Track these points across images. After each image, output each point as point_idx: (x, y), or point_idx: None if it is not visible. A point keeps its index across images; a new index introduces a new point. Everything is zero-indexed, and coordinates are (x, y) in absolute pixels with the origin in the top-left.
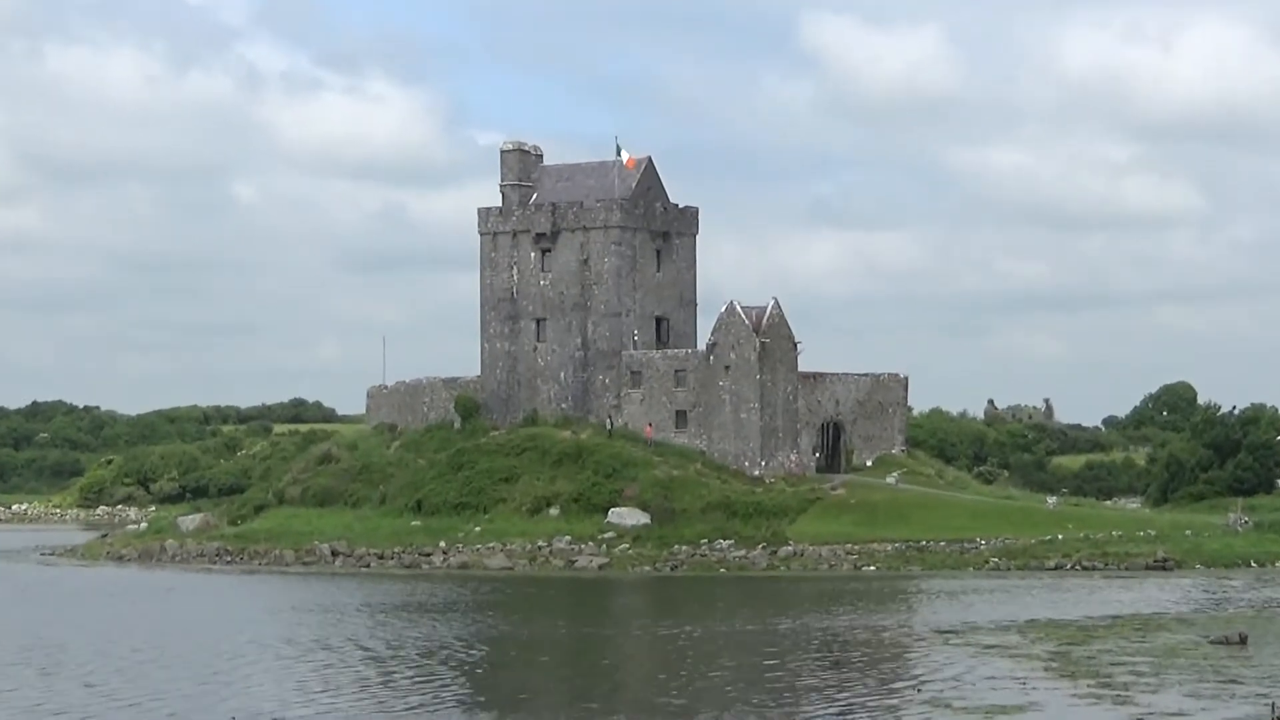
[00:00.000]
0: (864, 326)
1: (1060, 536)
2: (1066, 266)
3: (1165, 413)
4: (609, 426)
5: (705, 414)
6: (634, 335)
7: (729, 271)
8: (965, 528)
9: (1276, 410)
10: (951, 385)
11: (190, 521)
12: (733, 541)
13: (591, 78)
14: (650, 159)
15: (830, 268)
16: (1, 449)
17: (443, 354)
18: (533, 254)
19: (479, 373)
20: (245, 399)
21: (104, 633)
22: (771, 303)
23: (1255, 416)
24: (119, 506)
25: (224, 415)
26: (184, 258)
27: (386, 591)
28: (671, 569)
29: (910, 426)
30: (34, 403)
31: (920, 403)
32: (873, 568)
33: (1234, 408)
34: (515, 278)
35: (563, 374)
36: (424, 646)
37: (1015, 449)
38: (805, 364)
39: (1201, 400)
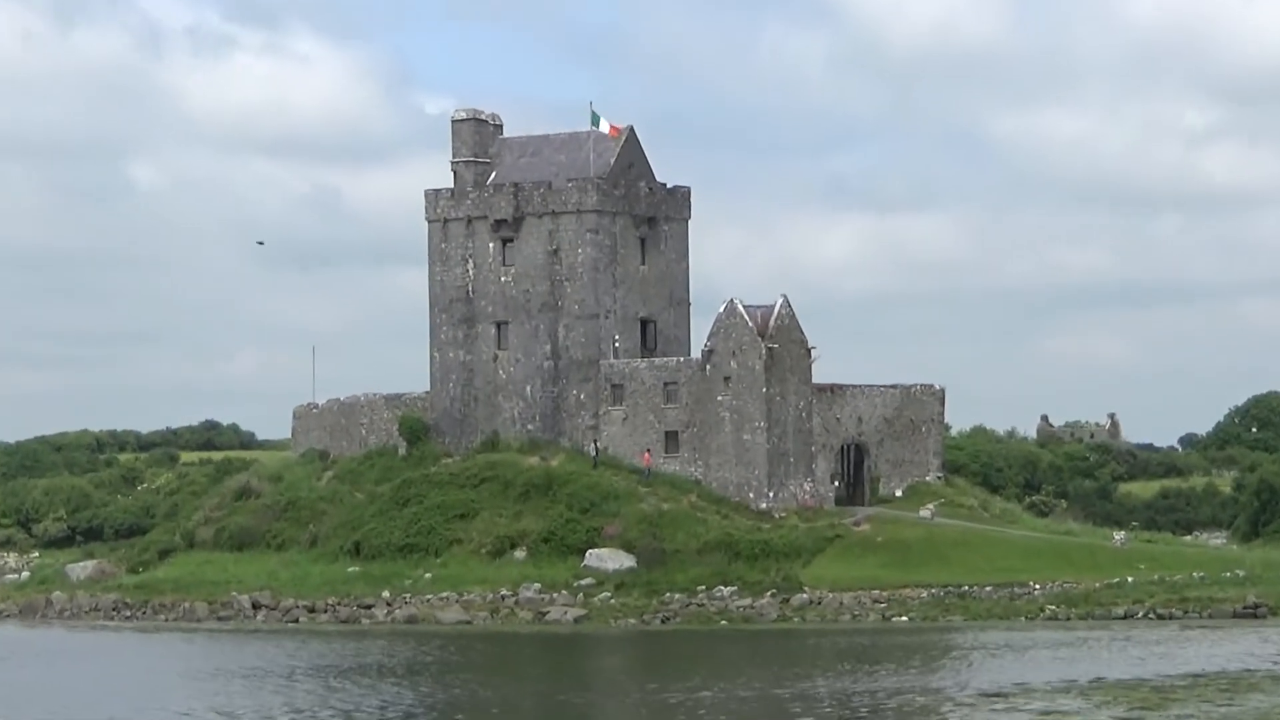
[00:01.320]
0: (891, 329)
1: (1130, 579)
2: (1134, 254)
3: (1255, 429)
4: (594, 454)
5: (701, 435)
6: (614, 341)
7: (728, 264)
8: (1015, 569)
9: None
10: (997, 399)
11: (81, 570)
12: (736, 588)
13: (560, 32)
14: (632, 129)
15: (850, 259)
16: None
17: (384, 366)
18: (491, 244)
19: (428, 388)
20: (146, 422)
21: None
22: (780, 301)
23: None
24: None
25: (120, 442)
26: (71, 253)
27: (327, 652)
28: (662, 621)
29: (948, 449)
30: None
31: (960, 420)
32: (905, 618)
33: None
34: (471, 273)
35: (529, 388)
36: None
37: (1074, 475)
38: (821, 374)
39: None
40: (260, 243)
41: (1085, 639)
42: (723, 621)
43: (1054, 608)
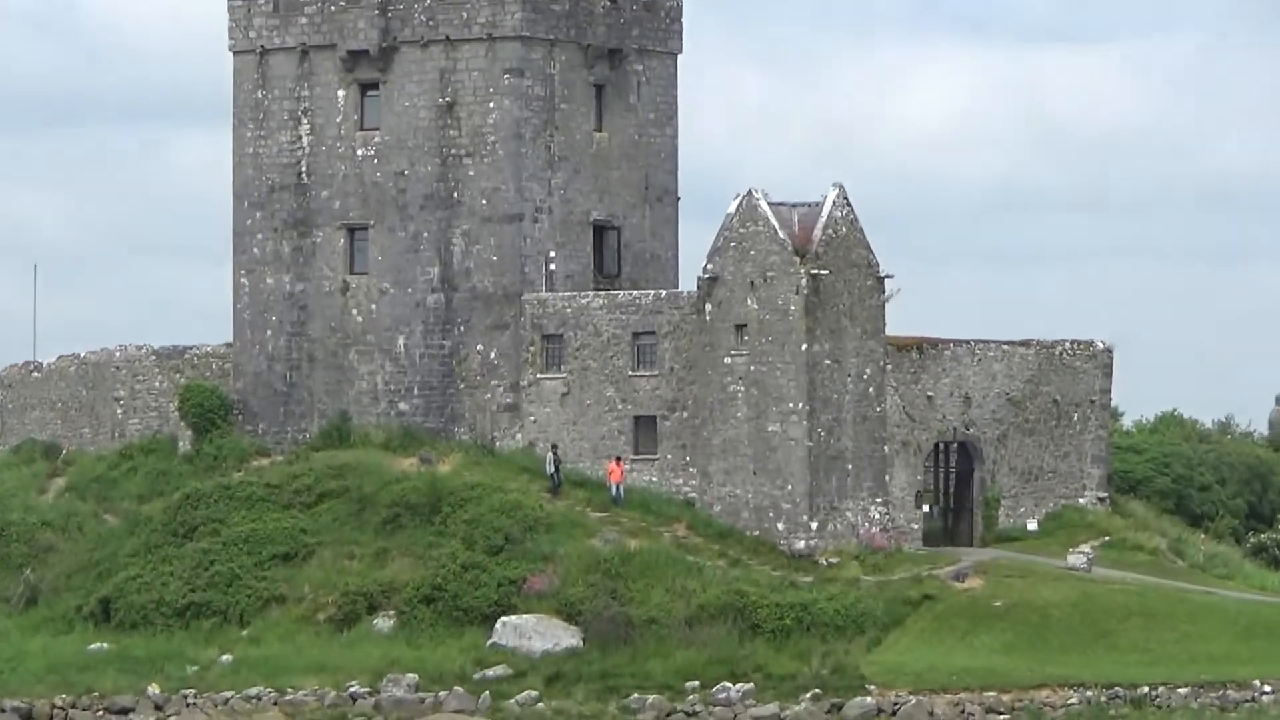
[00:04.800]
0: (1022, 247)
1: None
2: None
3: None
4: (551, 467)
5: (697, 424)
6: (549, 262)
7: (745, 132)
8: (1230, 658)
9: None
10: (1201, 367)
11: None
12: (752, 687)
13: None
14: None
15: (952, 125)
16: None
17: (155, 300)
18: (342, 94)
19: (229, 338)
20: None
21: None
22: (833, 195)
23: None
24: None
25: None
26: None
27: None
28: None
29: (1117, 450)
30: None
31: (1138, 403)
32: None
33: None
34: (305, 143)
35: (401, 341)
36: None
37: None
38: (901, 322)
39: None
40: None
41: None
42: None
43: None
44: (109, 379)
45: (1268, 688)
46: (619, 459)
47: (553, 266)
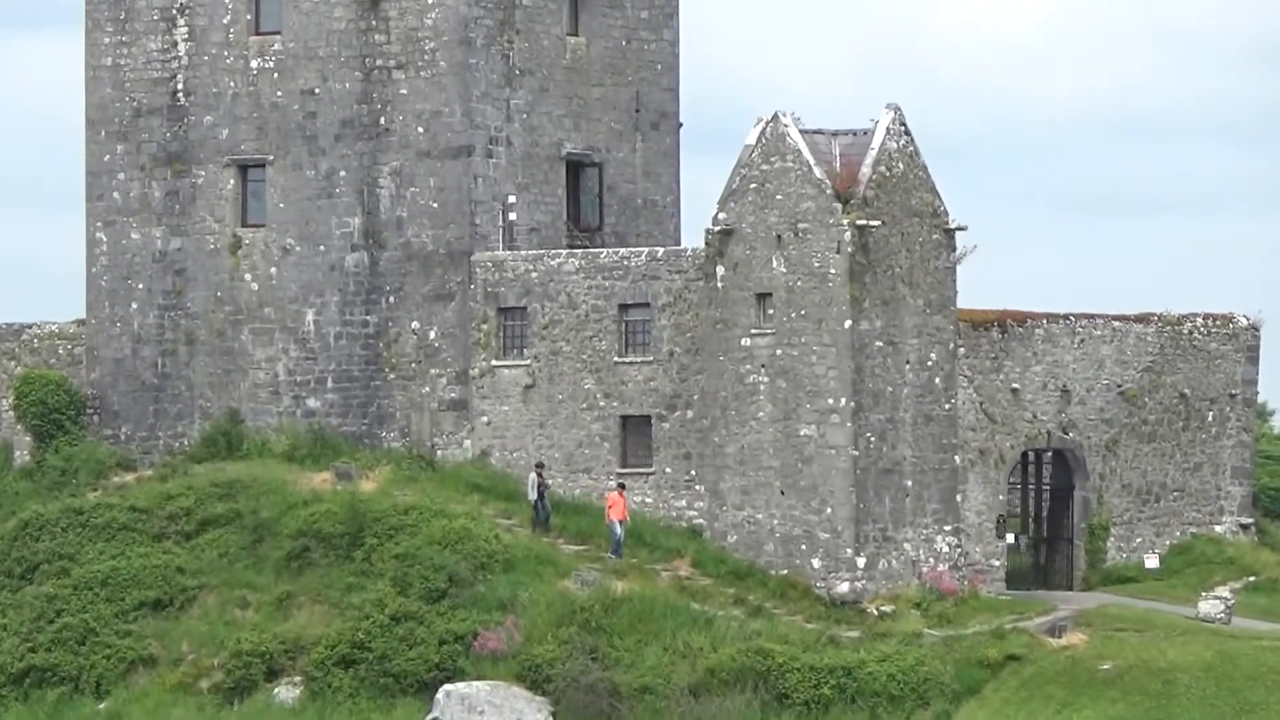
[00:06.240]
0: (1134, 183)
1: None
2: None
3: None
4: (534, 494)
5: (705, 426)
6: (507, 208)
7: (767, 32)
8: None
9: None
10: None
11: None
12: None
13: None
14: None
15: (1043, 32)
16: None
17: None
18: None
19: (82, 314)
20: None
21: None
22: (886, 120)
23: None
24: None
25: None
26: None
27: None
28: None
29: (1265, 461)
30: None
31: None
32: None
33: None
34: (182, 50)
35: (311, 316)
36: None
37: None
38: (975, 290)
39: None
40: None
41: None
42: None
43: None
44: None
45: None
46: (622, 487)
47: (512, 216)
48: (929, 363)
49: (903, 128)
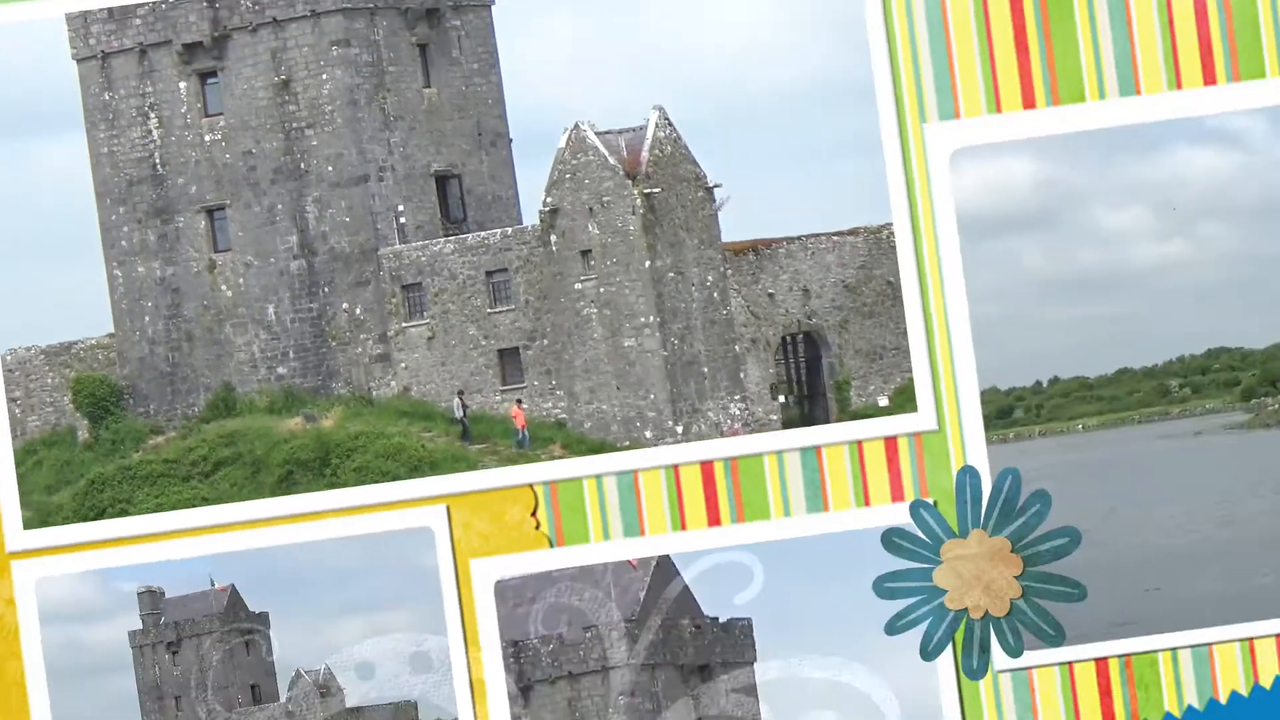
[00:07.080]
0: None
1: None
2: None
3: None
4: (458, 412)
5: (556, 349)
6: (398, 215)
7: (566, 68)
8: None
9: None
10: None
11: None
12: None
13: None
14: None
15: (756, 32)
16: None
17: (33, 300)
18: (184, 85)
19: (111, 329)
20: None
21: None
22: (654, 117)
23: None
24: None
25: None
26: None
27: None
28: None
29: None
30: None
31: None
32: None
33: None
34: (156, 135)
35: (271, 309)
36: None
37: None
38: (733, 229)
39: None
40: None
41: None
42: None
43: None
44: (5, 382)
45: None
46: (520, 402)
47: (403, 220)
48: (707, 283)
49: (667, 121)
